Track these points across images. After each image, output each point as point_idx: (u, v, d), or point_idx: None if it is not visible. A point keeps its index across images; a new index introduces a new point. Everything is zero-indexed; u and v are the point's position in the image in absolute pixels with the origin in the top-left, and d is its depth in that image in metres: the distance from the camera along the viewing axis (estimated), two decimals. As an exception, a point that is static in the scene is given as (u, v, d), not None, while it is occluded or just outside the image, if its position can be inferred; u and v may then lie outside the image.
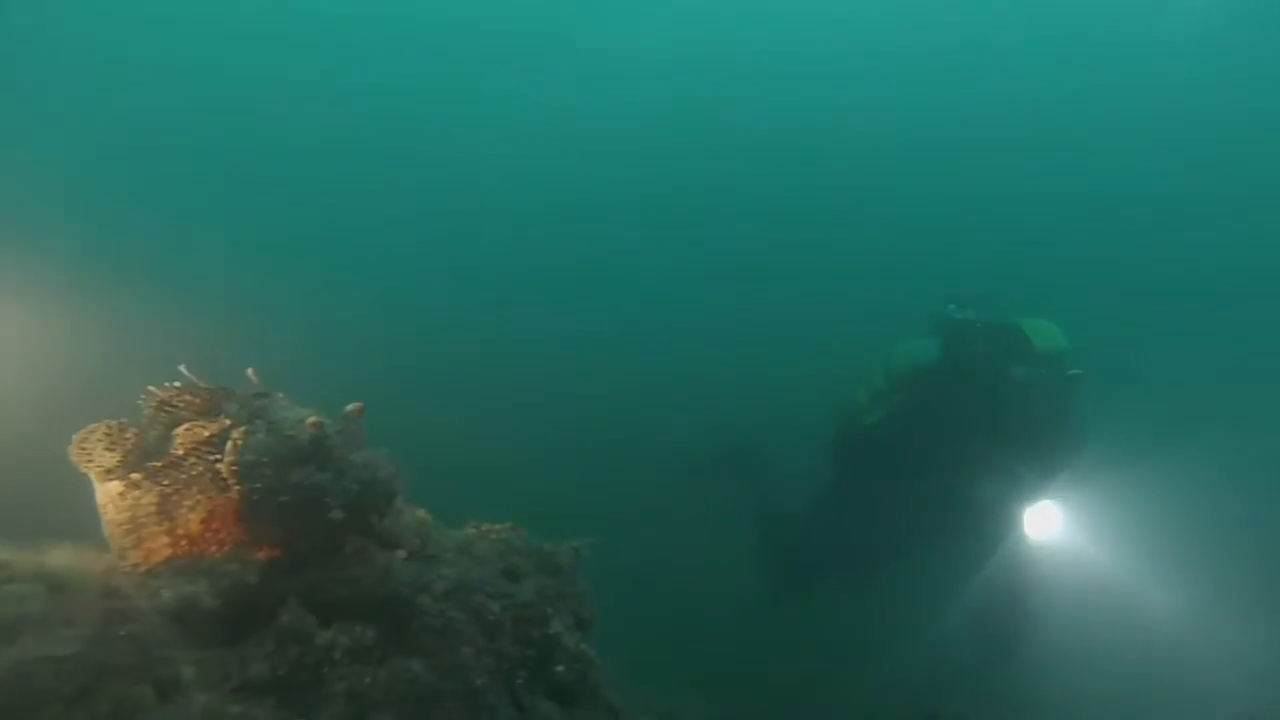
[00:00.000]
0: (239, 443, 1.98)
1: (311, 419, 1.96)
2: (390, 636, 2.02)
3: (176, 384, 2.16)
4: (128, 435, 2.34)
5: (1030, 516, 6.28)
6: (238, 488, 1.96)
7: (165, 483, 2.13)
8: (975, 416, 6.19)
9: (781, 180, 15.58)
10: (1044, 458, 6.19)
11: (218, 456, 2.05)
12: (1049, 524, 6.31)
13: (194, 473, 2.08)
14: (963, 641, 6.62)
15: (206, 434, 2.10)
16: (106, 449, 2.40)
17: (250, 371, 2.10)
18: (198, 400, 2.14)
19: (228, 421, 2.06)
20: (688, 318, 12.82)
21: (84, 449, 2.43)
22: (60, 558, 1.85)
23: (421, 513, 2.42)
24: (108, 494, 2.32)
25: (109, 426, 2.40)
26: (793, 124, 16.27)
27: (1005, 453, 6.18)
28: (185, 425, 2.16)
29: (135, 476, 2.21)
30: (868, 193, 15.38)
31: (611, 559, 2.68)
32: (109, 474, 2.37)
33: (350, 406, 2.03)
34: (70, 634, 1.61)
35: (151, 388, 2.19)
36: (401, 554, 2.26)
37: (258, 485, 1.94)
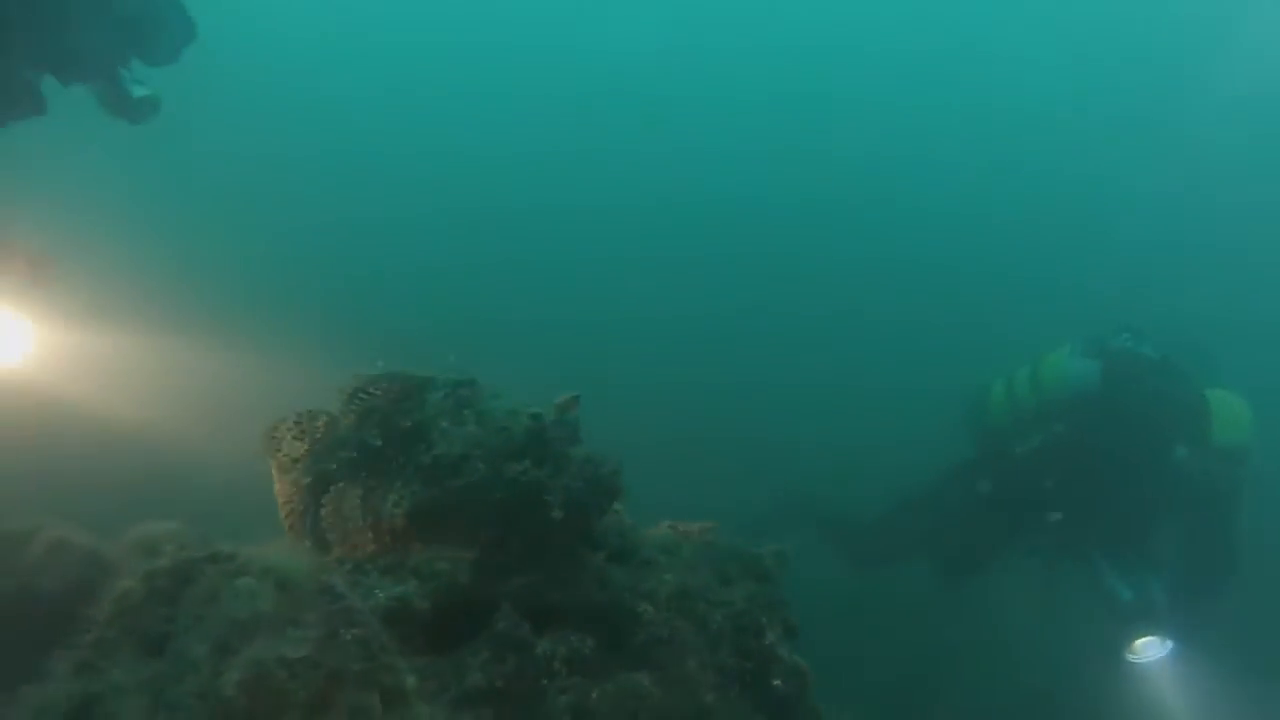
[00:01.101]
0: (449, 434, 1.84)
1: (530, 410, 1.80)
2: (610, 646, 1.84)
3: (371, 372, 2.05)
4: (318, 424, 2.25)
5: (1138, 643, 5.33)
6: (447, 483, 1.82)
7: (363, 475, 2.02)
8: (1120, 480, 5.47)
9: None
10: (1184, 573, 5.28)
11: (421, 447, 1.92)
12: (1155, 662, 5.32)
13: (396, 466, 1.96)
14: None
15: (408, 424, 1.97)
16: (295, 438, 2.32)
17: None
18: (396, 388, 2.02)
19: (431, 411, 1.93)
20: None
21: (273, 438, 2.36)
22: (276, 551, 1.74)
23: (618, 509, 2.24)
24: (295, 485, 2.23)
25: (299, 415, 2.32)
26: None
27: (1132, 542, 5.44)
28: (383, 415, 2.04)
29: (330, 467, 2.11)
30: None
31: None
32: (295, 464, 2.28)
33: (563, 397, 1.87)
34: (300, 635, 1.48)
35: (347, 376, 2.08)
36: (601, 555, 2.10)
37: (469, 481, 1.79)
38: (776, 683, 2.06)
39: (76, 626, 3.29)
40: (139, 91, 3.35)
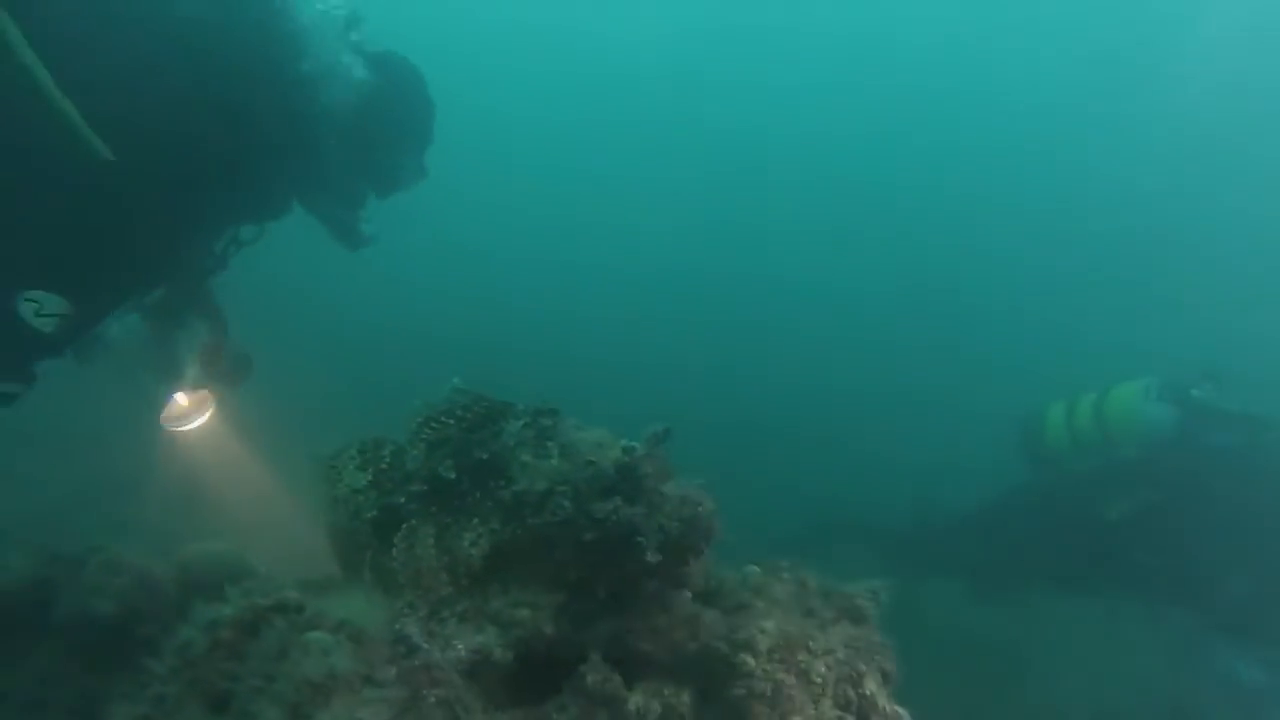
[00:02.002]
0: (531, 468, 1.69)
1: (621, 443, 1.64)
2: (707, 701, 1.68)
3: (446, 397, 1.91)
4: (383, 454, 2.12)
5: None
6: (530, 520, 1.67)
7: (434, 510, 1.89)
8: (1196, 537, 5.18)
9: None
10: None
11: (500, 483, 1.78)
12: None
13: (472, 502, 1.81)
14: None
15: (484, 456, 1.83)
16: (358, 468, 2.19)
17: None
18: (470, 416, 1.88)
19: (510, 442, 1.78)
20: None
21: (332, 467, 2.23)
22: (345, 599, 1.61)
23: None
24: (356, 519, 2.10)
25: (362, 443, 2.19)
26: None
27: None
28: (457, 445, 1.90)
29: (398, 501, 1.98)
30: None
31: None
32: (357, 496, 2.15)
33: (654, 428, 1.71)
34: (378, 696, 1.34)
35: (416, 401, 1.95)
36: (687, 595, 1.94)
37: (555, 519, 1.64)
38: (879, 736, 1.88)
39: (128, 650, 3.20)
40: (367, 228, 3.57)
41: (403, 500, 1.94)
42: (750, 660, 1.70)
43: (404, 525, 1.80)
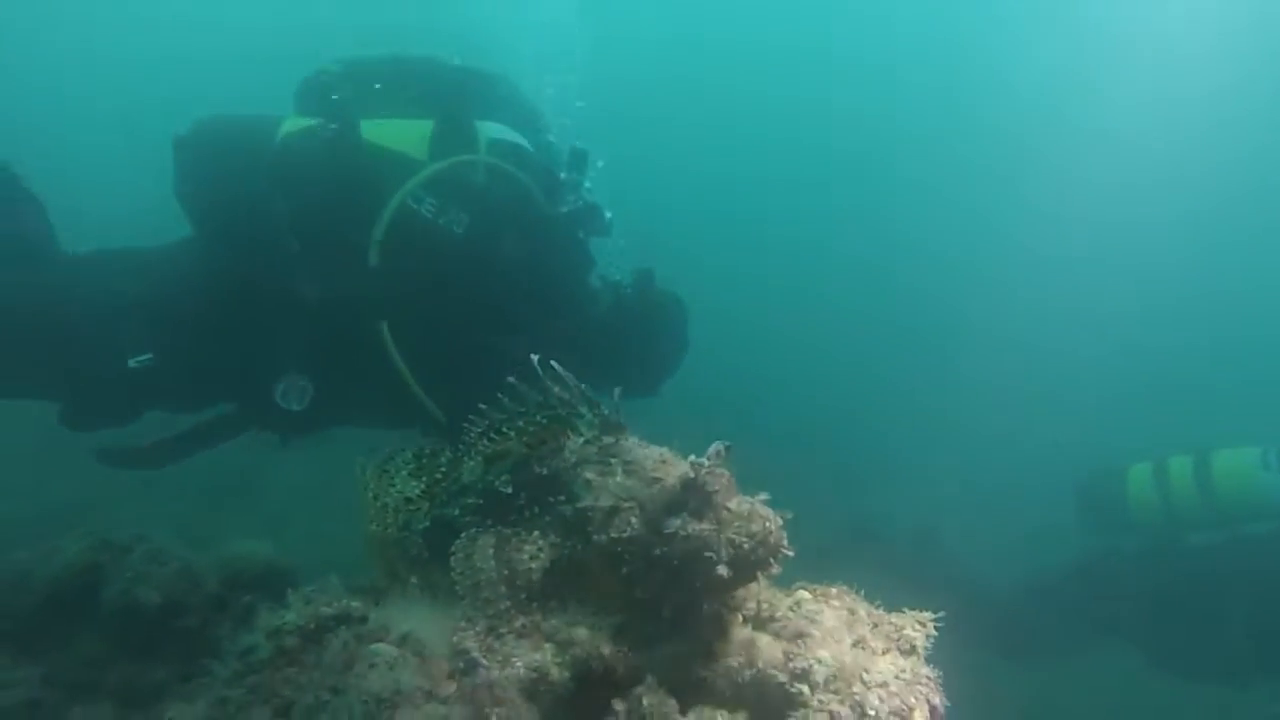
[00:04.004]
0: (595, 485, 1.69)
1: (689, 459, 1.63)
2: (761, 730, 1.66)
3: (513, 405, 1.91)
4: (439, 463, 2.13)
5: None
6: (596, 537, 1.66)
7: (491, 524, 1.88)
8: None
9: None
10: None
11: (560, 497, 1.77)
12: None
13: (530, 517, 1.81)
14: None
15: (543, 472, 1.82)
16: (410, 475, 2.20)
17: (616, 394, 1.81)
18: (532, 430, 1.88)
19: (571, 459, 1.78)
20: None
21: (385, 473, 2.24)
22: (406, 611, 1.61)
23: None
24: (407, 529, 2.10)
25: (417, 451, 2.20)
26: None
27: None
28: (515, 457, 1.90)
29: (453, 513, 1.98)
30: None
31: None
32: (409, 505, 2.16)
33: (717, 444, 1.69)
34: (440, 713, 1.34)
35: (483, 407, 1.94)
36: (741, 619, 1.92)
37: (620, 535, 1.63)
38: (928, 772, 1.85)
39: (171, 640, 3.24)
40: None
41: (457, 512, 1.94)
42: (806, 690, 1.68)
43: (463, 535, 1.80)
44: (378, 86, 3.68)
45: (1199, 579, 5.81)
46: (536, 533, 1.77)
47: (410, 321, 3.44)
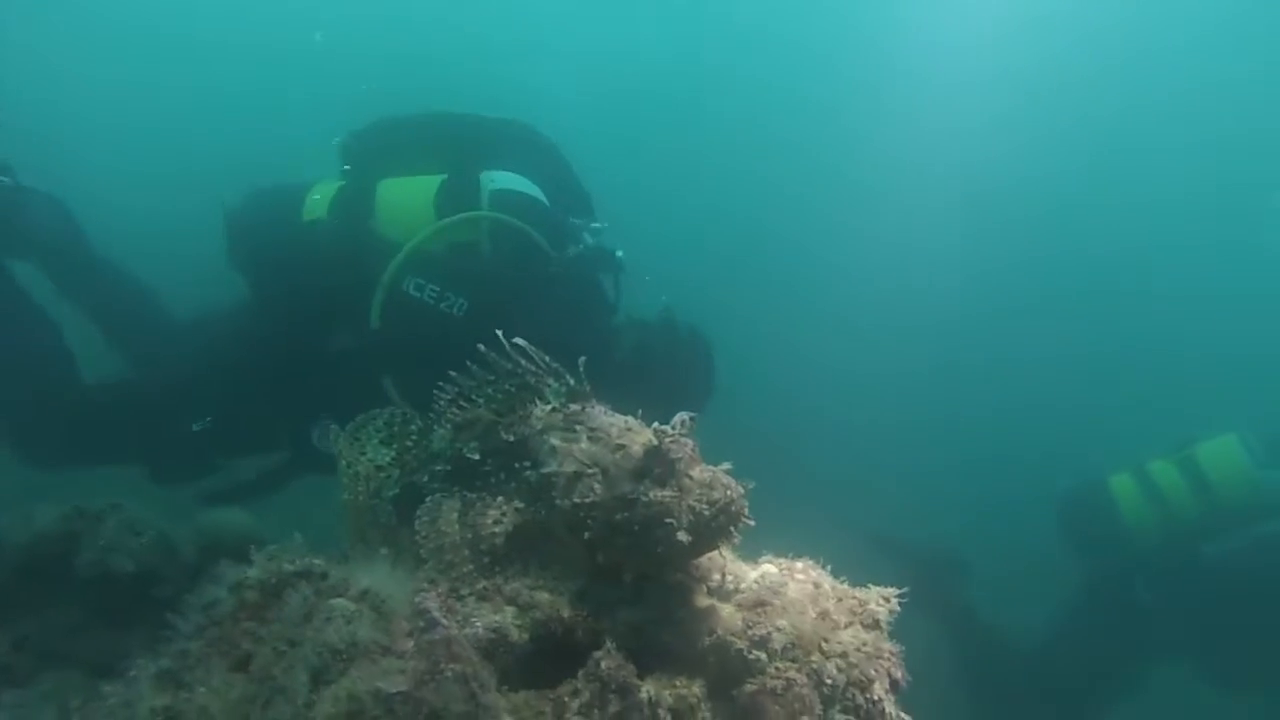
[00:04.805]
0: (560, 451, 1.70)
1: (653, 426, 1.65)
2: (718, 695, 1.68)
3: (481, 373, 1.92)
4: (410, 430, 2.14)
5: None
6: (559, 502, 1.68)
7: (458, 490, 1.90)
8: None
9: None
10: None
11: (526, 464, 1.79)
12: None
13: (496, 483, 1.83)
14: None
15: (510, 439, 1.84)
16: (381, 443, 2.21)
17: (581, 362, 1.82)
18: (499, 398, 1.90)
19: (538, 426, 1.79)
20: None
21: (356, 439, 2.25)
22: (368, 569, 1.62)
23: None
24: (377, 495, 2.11)
25: (388, 417, 2.21)
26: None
27: None
28: (484, 425, 1.91)
29: (421, 480, 2.00)
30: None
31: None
32: (379, 472, 2.17)
33: (681, 415, 1.71)
34: (397, 666, 1.36)
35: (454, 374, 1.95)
36: (705, 588, 1.94)
37: (583, 501, 1.65)
38: (884, 742, 1.88)
39: (145, 609, 3.24)
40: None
41: (426, 479, 1.96)
42: (764, 656, 1.71)
43: (428, 499, 1.81)
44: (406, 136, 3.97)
45: (1233, 590, 5.57)
46: (501, 498, 1.78)
47: (414, 377, 3.57)
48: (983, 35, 16.13)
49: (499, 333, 1.82)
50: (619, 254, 3.96)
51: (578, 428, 1.73)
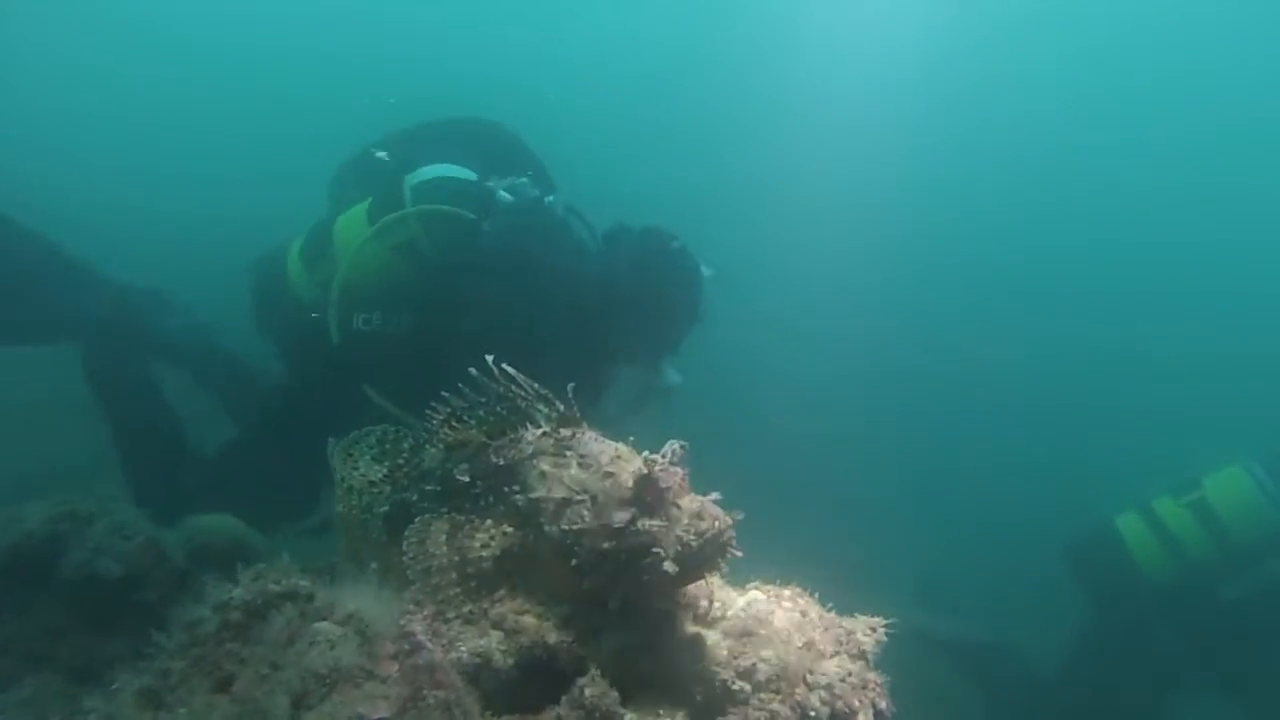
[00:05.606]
0: (549, 476, 1.70)
1: (643, 455, 1.65)
2: (701, 725, 1.68)
3: (474, 394, 1.92)
4: (403, 447, 2.14)
5: None
6: (547, 528, 1.68)
7: (446, 511, 1.90)
8: None
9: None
10: None
11: (515, 487, 1.79)
12: None
13: (485, 505, 1.83)
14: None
15: (500, 462, 1.84)
16: (374, 459, 2.21)
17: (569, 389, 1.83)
18: (491, 420, 1.90)
19: (528, 450, 1.79)
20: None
21: (349, 455, 2.24)
22: (354, 592, 1.62)
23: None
24: (368, 511, 2.11)
25: (381, 434, 2.20)
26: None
27: None
28: (474, 447, 1.91)
29: (411, 498, 1.99)
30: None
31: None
32: (371, 488, 2.17)
33: (671, 443, 1.71)
34: (380, 691, 1.36)
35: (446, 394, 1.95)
36: (691, 616, 1.94)
37: (571, 527, 1.65)
38: (867, 775, 1.87)
39: (130, 614, 3.22)
40: (672, 378, 3.90)
41: (416, 498, 1.96)
42: (748, 689, 1.71)
43: (416, 520, 1.81)
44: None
45: (1257, 634, 5.47)
46: (489, 521, 1.78)
47: (389, 383, 3.70)
48: (983, 35, 16.16)
49: (489, 358, 1.82)
50: (549, 199, 3.86)
51: (568, 453, 1.73)
